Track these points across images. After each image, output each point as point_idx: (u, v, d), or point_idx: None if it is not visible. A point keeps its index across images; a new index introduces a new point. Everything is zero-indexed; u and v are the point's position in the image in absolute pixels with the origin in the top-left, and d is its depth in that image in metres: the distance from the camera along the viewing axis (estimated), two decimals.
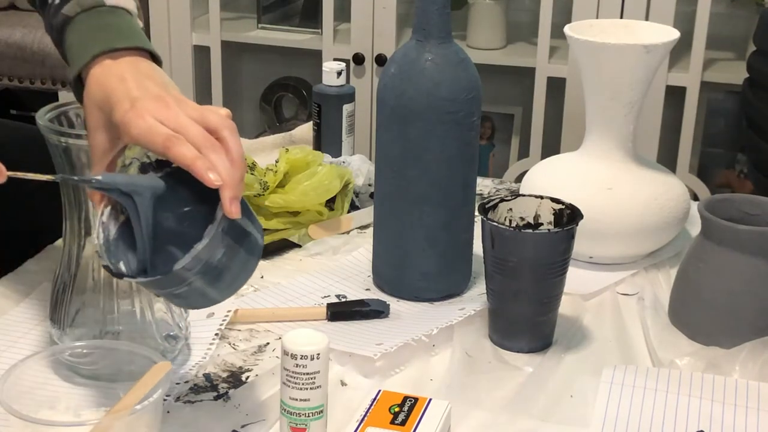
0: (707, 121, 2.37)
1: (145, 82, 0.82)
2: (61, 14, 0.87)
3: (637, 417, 0.90)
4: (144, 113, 0.78)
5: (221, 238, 0.77)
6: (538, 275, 0.98)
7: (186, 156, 0.76)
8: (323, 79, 1.46)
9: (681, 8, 2.19)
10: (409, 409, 0.85)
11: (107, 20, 0.87)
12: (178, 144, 0.76)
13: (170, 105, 0.79)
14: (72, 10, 0.87)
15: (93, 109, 0.82)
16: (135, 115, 0.78)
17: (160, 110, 0.79)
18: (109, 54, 0.83)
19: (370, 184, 1.34)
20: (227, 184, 0.76)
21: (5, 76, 2.59)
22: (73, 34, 0.86)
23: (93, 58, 0.83)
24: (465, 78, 1.05)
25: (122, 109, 0.79)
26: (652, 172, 1.19)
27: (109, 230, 0.82)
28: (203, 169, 0.76)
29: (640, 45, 1.12)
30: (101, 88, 0.82)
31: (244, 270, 0.82)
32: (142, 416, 0.75)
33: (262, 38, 2.52)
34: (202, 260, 0.77)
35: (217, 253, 0.78)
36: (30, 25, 2.56)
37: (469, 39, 2.42)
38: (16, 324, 1.03)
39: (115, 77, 0.82)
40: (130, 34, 0.86)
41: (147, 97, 0.80)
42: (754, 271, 1.00)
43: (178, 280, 0.78)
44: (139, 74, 0.82)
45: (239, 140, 0.79)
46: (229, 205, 0.76)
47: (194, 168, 0.76)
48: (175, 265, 0.76)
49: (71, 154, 0.89)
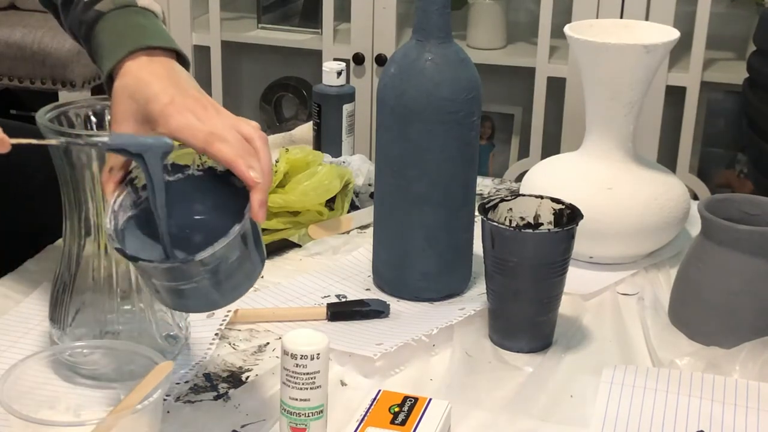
0: (707, 121, 2.37)
1: (182, 82, 0.84)
2: (94, 10, 0.89)
3: (637, 417, 0.90)
4: (183, 110, 0.80)
5: (240, 241, 0.79)
6: (538, 275, 0.98)
7: (228, 153, 0.78)
8: (323, 79, 1.46)
9: (681, 8, 2.19)
10: (409, 409, 0.85)
11: (139, 20, 0.88)
12: (220, 141, 0.78)
13: (207, 107, 0.82)
14: (106, 7, 0.88)
15: (124, 99, 0.83)
16: (175, 109, 0.80)
17: (198, 110, 0.81)
18: (145, 51, 0.85)
19: (370, 184, 1.34)
20: (259, 188, 0.78)
21: (5, 76, 2.59)
22: (106, 31, 0.88)
23: (129, 53, 0.85)
24: (465, 78, 1.05)
25: (162, 102, 0.81)
26: (652, 172, 1.19)
27: (118, 220, 0.82)
28: (245, 167, 0.78)
29: (640, 45, 1.12)
30: (137, 80, 0.83)
31: (247, 279, 0.83)
32: (143, 416, 0.75)
33: (262, 38, 2.53)
34: (218, 258, 0.78)
35: (233, 255, 0.79)
36: (30, 25, 2.56)
37: (469, 39, 2.42)
38: (16, 324, 1.03)
39: (152, 73, 0.84)
40: (162, 35, 0.88)
41: (186, 95, 0.82)
42: (754, 271, 1.00)
43: (190, 274, 0.79)
44: (174, 75, 0.84)
45: (270, 152, 0.81)
46: (258, 208, 0.78)
47: (236, 164, 0.78)
48: (197, 255, 0.77)
49: (71, 154, 0.89)
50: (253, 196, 0.78)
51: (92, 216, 0.91)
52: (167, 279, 0.80)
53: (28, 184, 1.22)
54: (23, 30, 2.55)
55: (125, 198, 0.83)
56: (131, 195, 0.83)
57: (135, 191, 0.84)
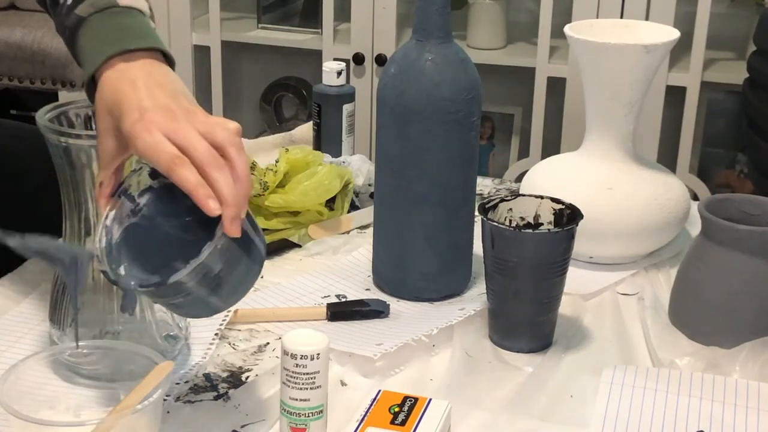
0: (707, 121, 2.37)
1: (156, 90, 0.81)
2: (74, 15, 0.87)
3: (637, 417, 0.90)
4: (151, 126, 0.78)
5: (220, 254, 0.77)
6: (538, 275, 0.98)
7: (188, 181, 0.76)
8: (323, 79, 1.46)
9: (681, 8, 2.19)
10: (409, 409, 0.85)
11: (121, 21, 0.86)
12: (181, 167, 0.76)
13: (178, 118, 0.79)
14: (85, 11, 0.86)
15: (104, 114, 0.82)
16: (142, 128, 0.78)
17: (168, 123, 0.78)
18: (123, 56, 0.83)
19: (370, 184, 1.34)
20: (229, 203, 0.76)
21: (5, 76, 2.59)
22: (86, 36, 0.86)
23: (107, 59, 0.83)
24: (465, 78, 1.05)
25: (131, 120, 0.79)
26: (652, 172, 1.19)
27: (113, 234, 0.82)
28: (204, 197, 0.76)
29: (640, 45, 1.12)
30: (113, 93, 0.82)
31: (245, 280, 0.82)
32: (143, 416, 0.75)
33: (262, 38, 2.52)
34: (199, 274, 0.77)
35: (215, 268, 0.78)
36: (30, 25, 2.56)
37: (469, 39, 2.42)
38: (16, 324, 1.03)
39: (127, 82, 0.81)
40: (143, 34, 0.86)
41: (156, 107, 0.79)
42: (754, 271, 1.00)
43: (175, 291, 0.78)
44: (150, 80, 0.82)
45: (246, 157, 0.79)
46: (230, 225, 0.76)
47: (195, 195, 0.76)
48: (171, 278, 0.77)
49: (71, 154, 0.89)
50: (224, 213, 0.76)
51: (92, 216, 0.91)
52: (155, 297, 0.80)
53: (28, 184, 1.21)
54: (23, 30, 2.54)
55: (119, 210, 0.82)
56: (127, 205, 0.83)
57: (131, 200, 0.83)
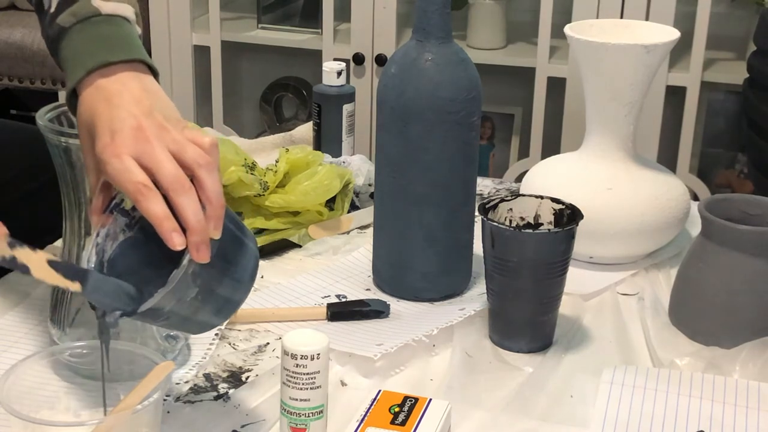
0: (707, 121, 2.37)
1: (130, 108, 0.79)
2: (57, 25, 0.85)
3: (637, 417, 0.90)
4: (121, 151, 0.76)
5: (192, 278, 0.76)
6: (538, 275, 0.98)
7: (154, 214, 0.75)
8: (323, 79, 1.46)
9: (681, 8, 2.19)
10: (409, 409, 0.85)
11: (102, 31, 0.84)
12: (147, 198, 0.75)
13: (149, 138, 0.77)
14: (67, 21, 0.85)
15: (84, 133, 0.81)
16: (111, 152, 0.76)
17: (137, 145, 0.76)
18: (102, 70, 0.81)
19: (370, 184, 1.34)
20: (194, 229, 0.75)
21: (5, 76, 2.59)
22: (68, 48, 0.84)
23: (87, 73, 0.81)
24: (465, 78, 1.05)
25: (102, 143, 0.77)
26: (652, 172, 1.19)
27: (104, 252, 0.80)
28: (167, 231, 0.74)
29: (640, 45, 1.12)
30: (89, 112, 0.80)
31: (233, 296, 0.81)
32: (143, 416, 0.75)
33: (262, 38, 2.52)
34: (171, 300, 0.76)
35: (190, 293, 0.77)
36: (30, 25, 2.56)
37: (469, 39, 2.42)
38: (16, 324, 1.03)
39: (102, 100, 0.80)
40: (125, 45, 0.84)
41: (126, 128, 0.77)
42: (754, 271, 1.00)
43: (153, 316, 0.77)
44: (125, 97, 0.80)
45: (217, 177, 0.77)
46: (196, 251, 0.75)
47: (160, 229, 0.75)
48: (142, 306, 0.76)
49: (71, 154, 0.89)
50: (189, 239, 0.74)
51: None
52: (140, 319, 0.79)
53: (29, 184, 1.22)
54: (23, 30, 2.54)
55: (111, 226, 0.81)
56: (120, 220, 0.81)
57: (125, 214, 0.81)
